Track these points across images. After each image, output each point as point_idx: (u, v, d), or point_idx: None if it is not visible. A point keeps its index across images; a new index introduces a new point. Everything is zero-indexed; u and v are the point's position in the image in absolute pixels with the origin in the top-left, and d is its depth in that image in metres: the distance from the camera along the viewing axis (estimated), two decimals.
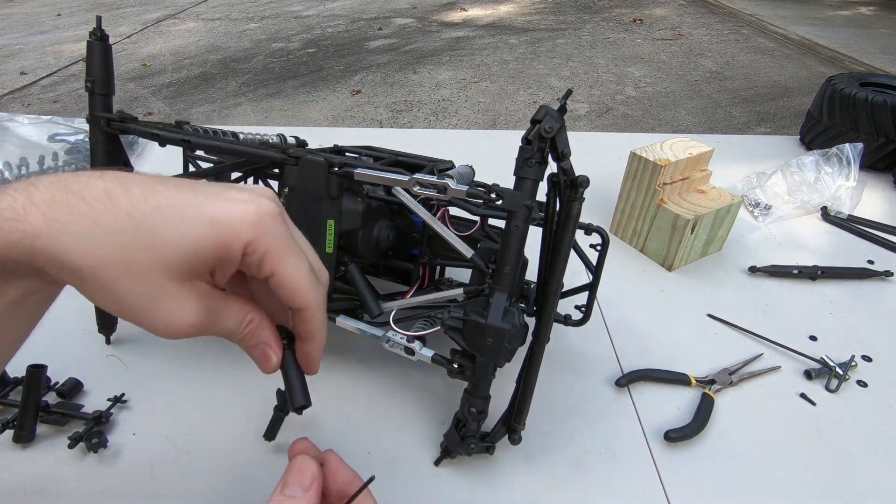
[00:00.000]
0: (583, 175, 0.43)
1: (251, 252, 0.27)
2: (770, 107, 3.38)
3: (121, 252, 0.24)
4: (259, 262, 0.28)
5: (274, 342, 0.31)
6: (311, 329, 0.31)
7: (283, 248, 0.28)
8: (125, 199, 0.25)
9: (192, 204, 0.26)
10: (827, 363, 0.66)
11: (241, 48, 4.28)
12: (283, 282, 0.28)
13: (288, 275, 0.28)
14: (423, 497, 0.51)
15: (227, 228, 0.26)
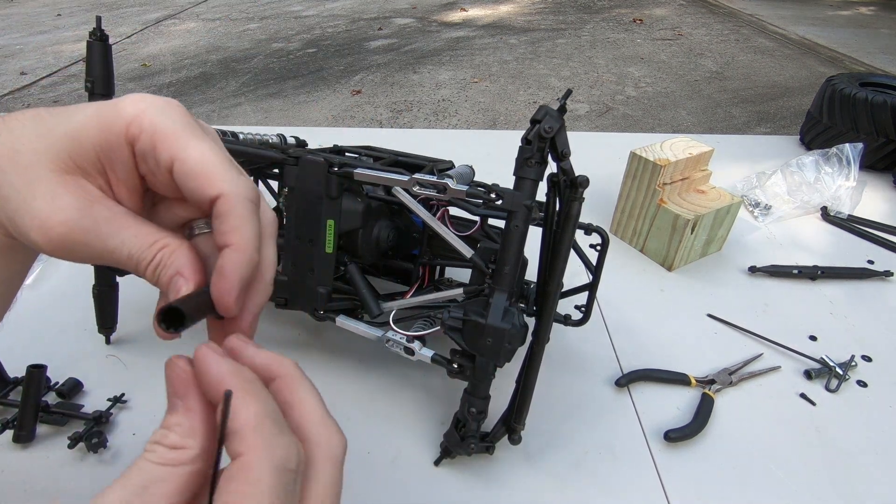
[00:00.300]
0: (583, 175, 0.43)
1: (138, 133, 0.23)
2: (770, 107, 3.38)
3: (11, 143, 0.23)
4: (152, 147, 0.23)
5: (189, 270, 0.24)
6: (232, 226, 0.24)
7: (180, 129, 0.24)
8: (38, 110, 0.25)
9: (92, 104, 0.24)
10: (827, 363, 0.66)
11: (241, 48, 4.28)
12: (186, 167, 0.23)
13: (191, 157, 0.23)
14: (423, 497, 0.51)
15: (109, 108, 0.23)
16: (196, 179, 0.23)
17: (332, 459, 0.22)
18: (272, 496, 0.18)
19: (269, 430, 0.20)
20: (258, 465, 0.19)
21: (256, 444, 0.19)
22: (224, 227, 0.24)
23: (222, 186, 0.24)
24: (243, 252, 0.24)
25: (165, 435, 0.20)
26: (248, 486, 0.18)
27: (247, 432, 0.19)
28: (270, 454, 0.19)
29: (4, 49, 4.27)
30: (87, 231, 0.23)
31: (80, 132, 0.23)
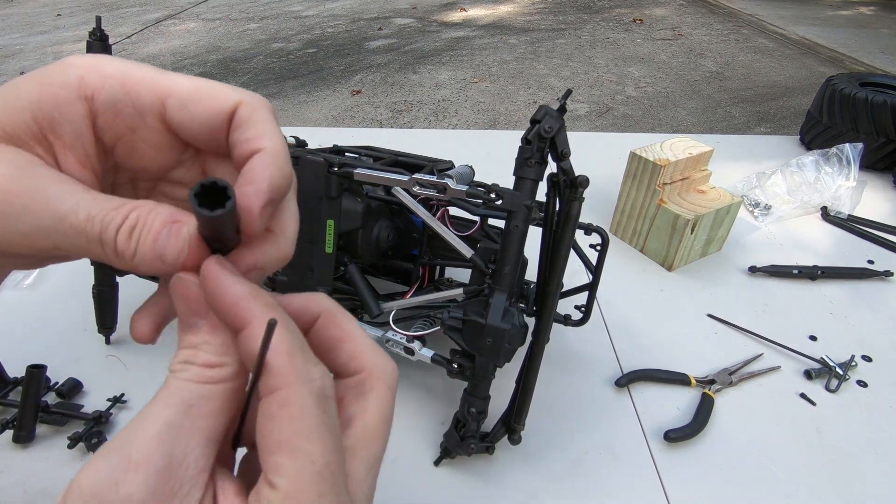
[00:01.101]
0: (582, 175, 0.43)
1: (99, 83, 0.20)
2: (770, 107, 3.38)
3: None
4: (126, 94, 0.20)
5: (185, 215, 0.19)
6: (258, 131, 0.20)
7: (152, 70, 0.20)
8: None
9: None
10: (827, 363, 0.66)
11: (241, 48, 4.28)
12: (184, 96, 0.20)
13: (184, 86, 0.20)
14: (423, 497, 0.51)
15: (54, 64, 0.20)
16: (202, 101, 0.20)
17: (390, 386, 0.22)
18: (321, 429, 0.18)
19: (303, 362, 0.19)
20: (299, 399, 0.18)
21: (292, 379, 0.18)
22: (248, 133, 0.20)
23: (239, 96, 0.20)
24: (275, 156, 0.20)
25: (195, 354, 0.19)
26: (295, 422, 0.18)
27: (280, 365, 0.18)
28: (310, 386, 0.18)
29: (4, 49, 4.27)
30: (28, 191, 0.18)
31: (14, 95, 0.19)
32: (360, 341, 0.23)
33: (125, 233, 0.19)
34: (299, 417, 0.18)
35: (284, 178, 0.20)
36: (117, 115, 0.20)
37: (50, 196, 0.18)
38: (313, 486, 0.17)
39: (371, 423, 0.21)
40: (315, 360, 0.20)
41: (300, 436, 0.18)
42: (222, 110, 0.20)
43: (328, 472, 0.18)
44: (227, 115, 0.20)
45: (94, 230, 0.18)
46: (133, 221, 0.19)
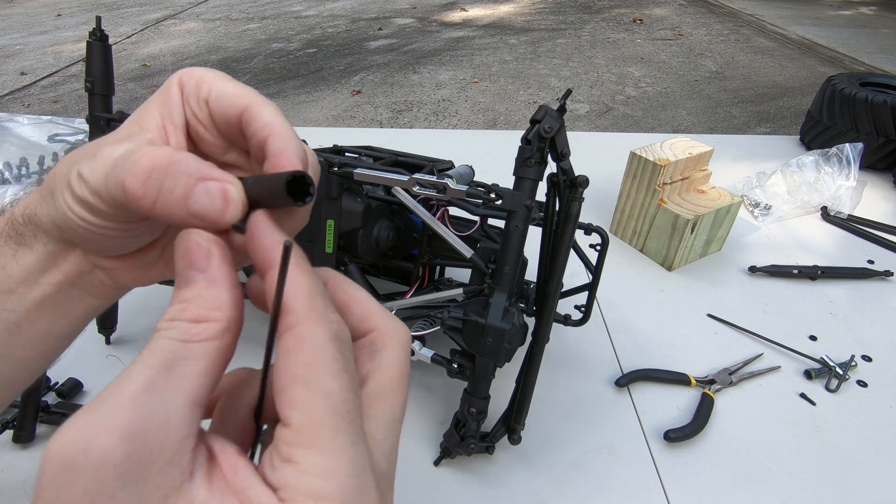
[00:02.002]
0: (582, 175, 0.43)
1: (188, 78, 0.25)
2: (770, 107, 3.38)
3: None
4: (197, 87, 0.25)
5: (213, 170, 0.21)
6: (266, 120, 0.23)
7: (221, 75, 0.26)
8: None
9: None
10: (827, 363, 0.66)
11: (241, 48, 4.28)
12: (221, 92, 0.25)
13: (227, 87, 0.25)
14: (423, 497, 0.51)
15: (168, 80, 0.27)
16: (227, 97, 0.24)
17: (403, 344, 0.22)
18: (338, 365, 0.18)
19: (322, 304, 0.19)
20: (316, 335, 0.18)
21: (311, 316, 0.18)
22: (257, 123, 0.23)
23: (250, 99, 0.24)
24: (287, 133, 0.23)
25: (184, 309, 0.18)
26: (312, 356, 0.17)
27: (299, 305, 0.18)
28: (327, 325, 0.18)
29: (4, 49, 4.27)
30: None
31: (148, 103, 0.25)
32: (369, 303, 0.23)
33: (140, 176, 0.20)
34: (316, 352, 0.17)
35: (301, 148, 0.23)
36: (190, 100, 0.25)
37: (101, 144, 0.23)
38: (329, 421, 0.17)
39: (387, 377, 0.21)
40: (333, 307, 0.19)
41: (316, 368, 0.17)
42: (237, 109, 0.24)
43: (345, 409, 0.17)
44: (239, 114, 0.24)
45: (113, 174, 0.21)
46: (148, 164, 0.20)
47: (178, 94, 0.25)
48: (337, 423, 0.17)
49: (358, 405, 0.18)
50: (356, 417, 0.18)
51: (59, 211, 0.23)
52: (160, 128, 0.25)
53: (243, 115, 0.24)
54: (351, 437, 0.17)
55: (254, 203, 0.21)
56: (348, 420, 0.17)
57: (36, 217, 0.25)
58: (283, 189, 0.19)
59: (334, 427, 0.17)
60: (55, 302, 0.27)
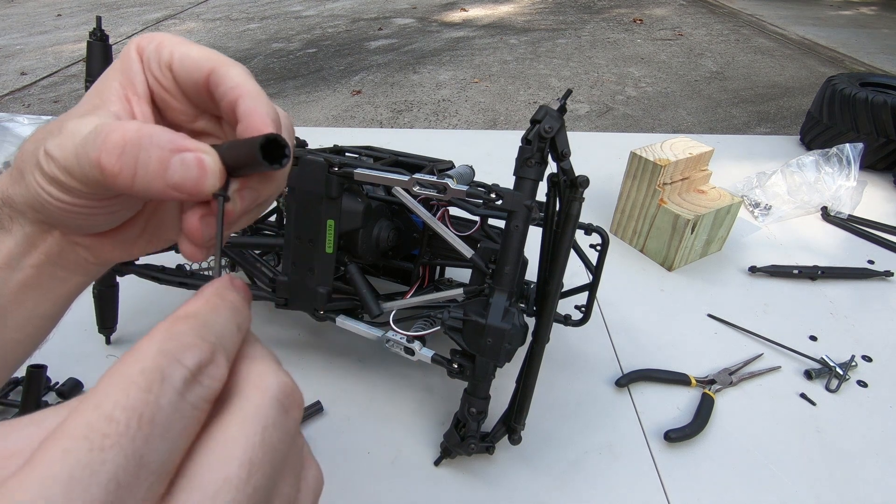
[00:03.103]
0: (583, 175, 0.43)
1: (146, 44, 0.25)
2: (770, 107, 3.38)
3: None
4: (157, 51, 0.25)
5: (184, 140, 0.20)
6: (234, 82, 0.23)
7: (181, 40, 0.25)
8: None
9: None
10: (827, 363, 0.66)
11: (241, 48, 4.28)
12: (185, 56, 0.24)
13: (192, 50, 0.24)
14: (423, 497, 0.51)
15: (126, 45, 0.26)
16: (191, 61, 0.24)
17: (267, 393, 0.17)
18: (146, 376, 0.15)
19: (184, 329, 0.17)
20: (143, 349, 0.16)
21: (158, 333, 0.16)
22: (225, 86, 0.23)
23: (214, 61, 0.24)
24: (257, 94, 0.23)
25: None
26: (124, 360, 0.15)
27: (159, 326, 0.17)
28: (165, 340, 0.16)
29: (4, 49, 4.27)
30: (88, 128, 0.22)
31: (107, 73, 0.25)
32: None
33: (113, 151, 0.20)
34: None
35: (273, 109, 0.23)
36: (151, 66, 0.25)
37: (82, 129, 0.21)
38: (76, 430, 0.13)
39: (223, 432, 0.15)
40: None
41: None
42: (202, 74, 0.24)
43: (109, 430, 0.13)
44: (205, 78, 0.24)
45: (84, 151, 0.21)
46: (120, 140, 0.20)
47: (138, 62, 0.24)
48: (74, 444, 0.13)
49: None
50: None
51: (31, 191, 0.23)
52: (122, 99, 0.24)
53: (209, 77, 0.23)
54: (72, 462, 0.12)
55: (231, 170, 0.21)
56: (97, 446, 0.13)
57: (10, 200, 0.24)
58: (258, 153, 0.19)
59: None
60: (39, 283, 0.27)
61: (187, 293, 0.70)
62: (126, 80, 0.25)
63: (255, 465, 0.15)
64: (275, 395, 0.17)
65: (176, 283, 0.60)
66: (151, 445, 0.13)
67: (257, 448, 0.15)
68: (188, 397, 0.15)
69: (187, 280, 0.60)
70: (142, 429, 0.13)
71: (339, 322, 0.57)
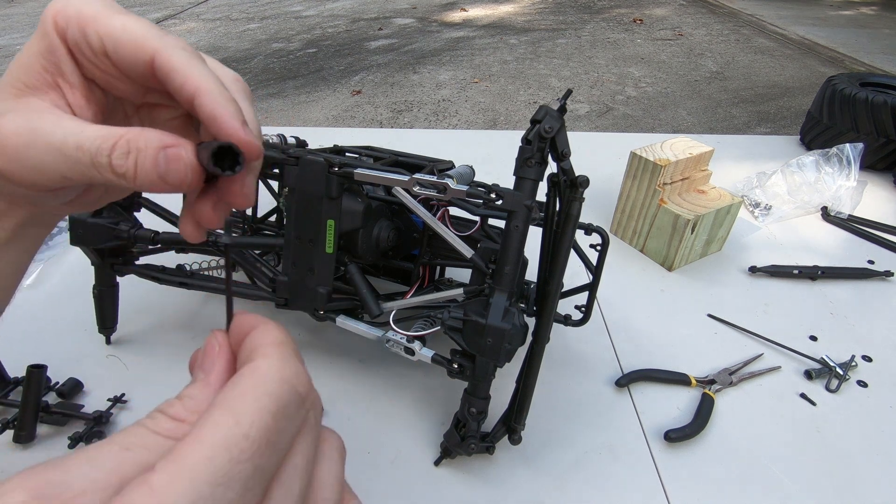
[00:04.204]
0: (583, 175, 0.43)
1: (65, 24, 0.22)
2: (770, 107, 3.38)
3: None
4: (82, 33, 0.22)
5: (176, 139, 0.21)
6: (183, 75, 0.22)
7: (100, 7, 0.22)
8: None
9: None
10: (827, 363, 0.66)
11: (241, 48, 4.28)
12: (113, 38, 0.22)
13: (115, 27, 0.22)
14: (423, 497, 0.51)
15: (42, 15, 0.23)
16: (126, 47, 0.22)
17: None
18: (274, 401, 0.17)
19: (289, 352, 0.19)
20: (268, 371, 0.18)
21: (273, 356, 0.18)
22: (175, 81, 0.22)
23: (153, 44, 0.22)
24: (214, 91, 0.22)
25: (172, 405, 0.19)
26: (252, 382, 0.17)
27: (267, 347, 0.19)
28: (283, 366, 0.18)
29: (5, 49, 4.27)
30: (29, 131, 0.21)
31: (28, 51, 0.23)
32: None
33: (118, 155, 0.21)
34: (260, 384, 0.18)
35: (231, 101, 0.22)
36: (82, 51, 0.23)
37: (45, 133, 0.21)
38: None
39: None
40: (304, 367, 0.20)
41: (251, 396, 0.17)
42: (141, 62, 0.22)
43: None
44: (147, 66, 0.22)
45: (85, 157, 0.21)
46: (125, 147, 0.21)
47: (62, 46, 0.22)
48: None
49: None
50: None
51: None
52: (52, 86, 0.23)
53: (154, 66, 0.22)
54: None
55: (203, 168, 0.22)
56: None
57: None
58: (210, 162, 0.20)
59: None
60: (13, 243, 0.27)
61: (187, 293, 0.71)
62: (51, 64, 0.23)
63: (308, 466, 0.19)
64: (340, 448, 0.21)
65: (176, 283, 0.60)
66: (270, 459, 0.17)
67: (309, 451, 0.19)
68: (296, 421, 0.18)
69: (187, 280, 0.60)
70: (268, 447, 0.16)
71: (339, 322, 0.57)
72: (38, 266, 0.76)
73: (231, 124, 0.21)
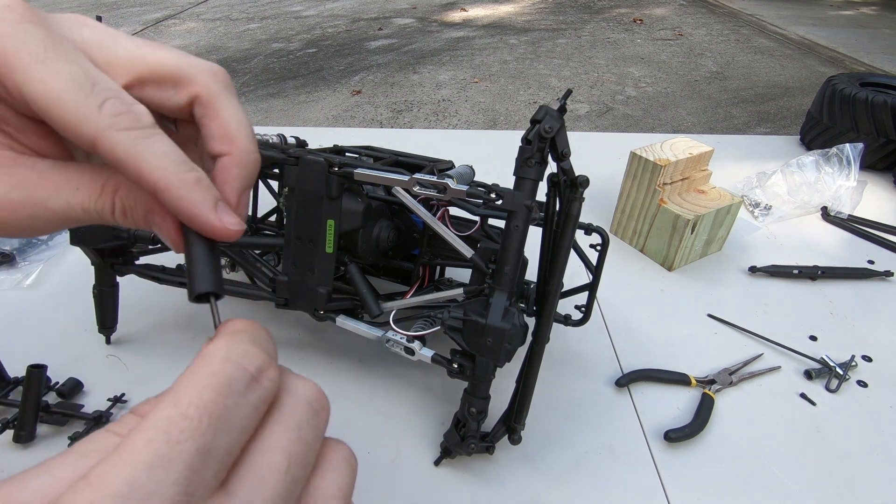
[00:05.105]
0: (583, 175, 0.43)
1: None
2: (770, 107, 3.38)
3: None
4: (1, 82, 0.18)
5: (159, 207, 0.21)
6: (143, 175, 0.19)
7: (19, 45, 0.17)
8: None
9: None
10: (827, 363, 0.66)
11: (241, 48, 4.28)
12: (36, 105, 0.18)
13: (37, 91, 0.18)
14: (423, 497, 0.51)
15: None
16: (56, 123, 0.18)
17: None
18: (215, 379, 0.17)
19: (241, 337, 0.19)
20: (212, 353, 0.18)
21: (220, 341, 0.18)
22: (127, 173, 0.19)
23: (90, 130, 0.18)
24: (170, 179, 0.19)
25: (145, 403, 0.18)
26: (195, 366, 0.18)
27: (219, 336, 0.19)
28: (228, 347, 0.18)
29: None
30: (24, 204, 0.20)
31: None
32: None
33: (120, 217, 0.21)
34: (203, 364, 0.18)
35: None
36: (8, 101, 0.19)
37: (42, 201, 0.20)
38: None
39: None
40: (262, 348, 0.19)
41: (196, 376, 0.17)
42: (80, 143, 0.19)
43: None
44: (89, 148, 0.19)
45: (91, 217, 0.21)
46: (121, 209, 0.21)
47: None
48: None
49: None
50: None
51: None
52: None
53: (99, 152, 0.19)
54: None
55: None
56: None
57: None
58: (189, 297, 0.21)
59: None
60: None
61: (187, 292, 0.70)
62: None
63: (293, 455, 0.18)
64: (306, 398, 0.20)
65: (176, 283, 0.60)
66: (218, 439, 0.16)
67: (294, 441, 0.18)
68: (249, 398, 0.17)
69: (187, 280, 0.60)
70: (211, 425, 0.16)
71: (339, 322, 0.57)
72: (38, 266, 0.76)
73: (205, 221, 0.20)
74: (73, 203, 0.20)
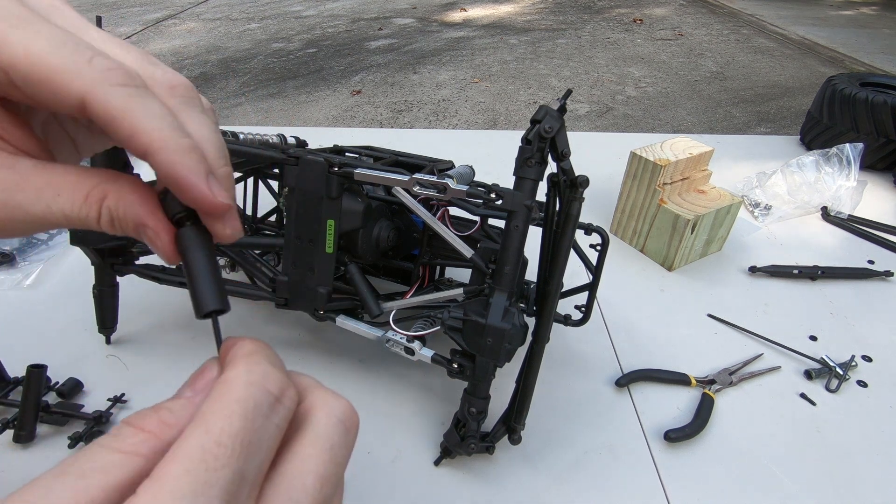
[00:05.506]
0: (583, 175, 0.43)
1: None
2: (770, 107, 3.38)
3: None
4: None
5: (150, 217, 0.20)
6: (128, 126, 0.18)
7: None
8: None
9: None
10: (827, 363, 0.66)
11: (241, 48, 4.28)
12: (20, 73, 0.17)
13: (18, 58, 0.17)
14: (423, 497, 0.51)
15: None
16: (40, 85, 0.17)
17: (336, 415, 0.20)
18: (242, 405, 0.17)
19: (257, 359, 0.19)
20: (234, 379, 0.18)
21: (239, 365, 0.19)
22: (118, 133, 0.18)
23: (80, 85, 0.17)
24: (164, 140, 0.18)
25: (145, 416, 0.18)
26: (219, 392, 0.18)
27: (235, 360, 0.19)
28: (249, 371, 0.18)
29: None
30: (1, 208, 0.19)
31: None
32: (305, 379, 0.22)
33: (107, 226, 0.20)
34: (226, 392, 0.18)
35: (190, 154, 0.19)
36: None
37: (22, 204, 0.19)
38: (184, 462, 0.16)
39: (302, 444, 0.19)
40: (279, 370, 0.19)
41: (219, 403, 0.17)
42: (68, 105, 0.18)
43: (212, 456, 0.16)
44: (77, 109, 0.18)
45: (73, 223, 0.20)
46: (108, 218, 0.20)
47: None
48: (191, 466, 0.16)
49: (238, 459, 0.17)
50: (225, 471, 0.16)
51: None
52: None
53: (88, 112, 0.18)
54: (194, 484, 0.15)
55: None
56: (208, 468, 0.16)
57: None
58: (198, 315, 0.21)
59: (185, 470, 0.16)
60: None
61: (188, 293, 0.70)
62: None
63: (325, 478, 0.18)
64: (339, 417, 0.20)
65: (176, 283, 0.60)
66: (250, 462, 0.17)
67: (327, 463, 0.19)
68: (274, 420, 0.18)
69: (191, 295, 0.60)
70: (244, 450, 0.16)
71: (339, 322, 0.57)
72: (38, 266, 0.76)
73: (197, 190, 0.19)
74: (54, 208, 0.19)
